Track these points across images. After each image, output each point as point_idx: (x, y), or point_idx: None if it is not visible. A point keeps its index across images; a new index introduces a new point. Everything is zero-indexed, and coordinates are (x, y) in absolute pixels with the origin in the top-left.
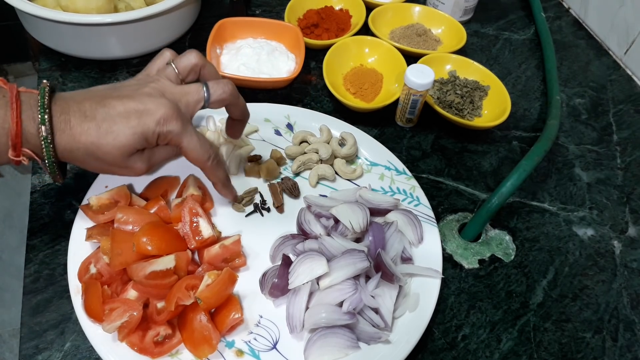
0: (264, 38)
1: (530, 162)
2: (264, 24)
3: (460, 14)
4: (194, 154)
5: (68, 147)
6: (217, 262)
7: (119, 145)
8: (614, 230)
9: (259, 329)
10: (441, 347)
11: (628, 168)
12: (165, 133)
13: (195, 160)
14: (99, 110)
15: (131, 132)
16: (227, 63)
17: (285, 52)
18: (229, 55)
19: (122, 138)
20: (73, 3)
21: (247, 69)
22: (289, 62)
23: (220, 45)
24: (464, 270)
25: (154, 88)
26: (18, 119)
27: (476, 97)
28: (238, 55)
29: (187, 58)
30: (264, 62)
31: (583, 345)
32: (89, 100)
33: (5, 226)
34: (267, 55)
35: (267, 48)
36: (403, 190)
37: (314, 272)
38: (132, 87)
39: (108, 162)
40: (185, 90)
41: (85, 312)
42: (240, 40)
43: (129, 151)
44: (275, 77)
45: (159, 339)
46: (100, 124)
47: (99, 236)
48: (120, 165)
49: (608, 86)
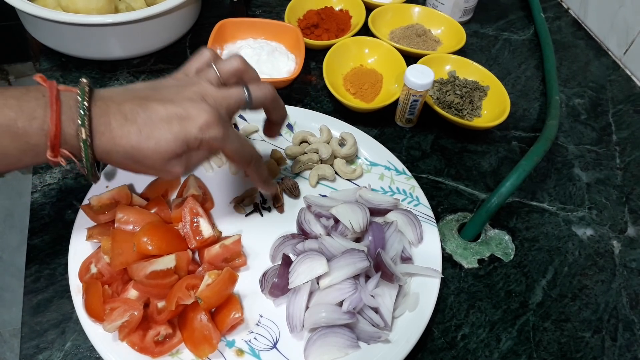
0: (264, 38)
1: (530, 162)
2: (264, 25)
3: (460, 14)
4: (237, 158)
5: (107, 149)
6: (218, 262)
7: (160, 150)
8: (613, 230)
9: (259, 329)
10: (441, 347)
11: (627, 168)
12: (208, 139)
13: (238, 163)
14: (140, 114)
15: (173, 137)
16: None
17: (285, 52)
18: (231, 52)
19: (163, 144)
20: (73, 3)
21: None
22: (289, 63)
23: (220, 46)
24: (463, 270)
25: (195, 92)
26: (58, 121)
27: (476, 97)
28: (241, 53)
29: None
30: (264, 63)
31: (582, 344)
32: (130, 102)
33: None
34: (267, 55)
35: (267, 48)
36: (403, 190)
37: (314, 271)
38: (172, 90)
39: (147, 165)
40: (226, 94)
41: (85, 311)
42: (241, 40)
43: (170, 157)
44: (276, 77)
45: (159, 339)
46: (142, 128)
47: (100, 236)
48: (158, 169)
49: (607, 86)
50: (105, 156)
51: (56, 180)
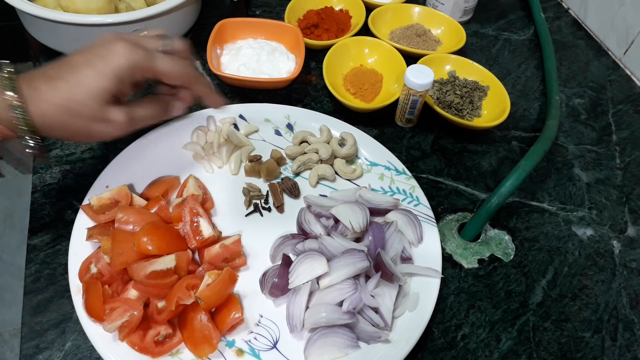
0: (264, 38)
1: (530, 162)
2: (264, 25)
3: (460, 14)
4: (175, 74)
5: (42, 111)
6: (218, 262)
7: (93, 91)
8: (613, 230)
9: (259, 329)
10: (441, 347)
11: (627, 168)
12: (135, 62)
13: (177, 77)
14: (63, 68)
15: (99, 73)
16: (227, 63)
17: (285, 52)
18: (229, 56)
19: (92, 83)
20: (73, 3)
21: (247, 69)
22: (289, 63)
23: (220, 46)
24: (463, 270)
25: (112, 35)
26: None
27: (476, 97)
28: (238, 55)
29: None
30: (264, 63)
31: (582, 344)
32: (52, 67)
33: (5, 226)
34: (267, 55)
35: (267, 48)
36: (403, 190)
37: (314, 271)
38: (90, 46)
39: (86, 116)
40: (142, 37)
41: (85, 311)
42: (241, 40)
43: (104, 96)
44: (276, 77)
45: (159, 339)
46: (68, 79)
47: (100, 236)
48: (98, 118)
49: (607, 86)
50: (43, 121)
51: (56, 180)
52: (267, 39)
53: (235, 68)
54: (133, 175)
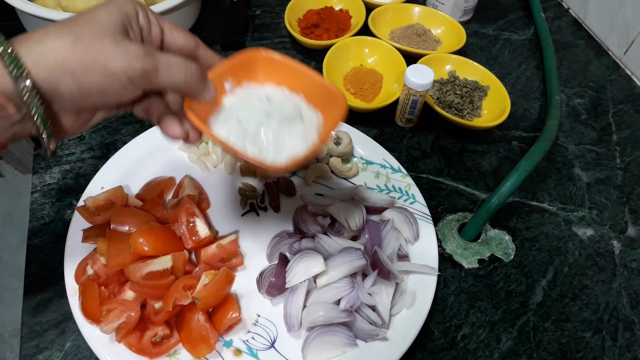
0: (289, 89)
1: (530, 162)
2: (305, 77)
3: (460, 14)
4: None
5: (50, 72)
6: (214, 262)
7: (102, 20)
8: (614, 230)
9: (256, 328)
10: (441, 347)
11: (627, 168)
12: (140, 3)
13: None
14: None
15: (107, 12)
16: (226, 109)
17: (308, 128)
18: (235, 99)
19: (100, 16)
20: (73, 3)
21: (239, 132)
22: (303, 143)
23: (235, 80)
24: (463, 270)
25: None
26: None
27: (476, 97)
28: (242, 106)
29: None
30: (269, 130)
31: (582, 345)
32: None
33: (5, 226)
34: (278, 124)
35: (283, 112)
36: (399, 188)
37: (311, 270)
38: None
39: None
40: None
41: (82, 313)
42: (257, 85)
43: (115, 25)
44: (268, 159)
45: (156, 339)
46: (73, 20)
47: (96, 237)
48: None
49: (607, 86)
50: (50, 84)
51: (56, 180)
52: (292, 90)
53: (228, 124)
54: (128, 176)
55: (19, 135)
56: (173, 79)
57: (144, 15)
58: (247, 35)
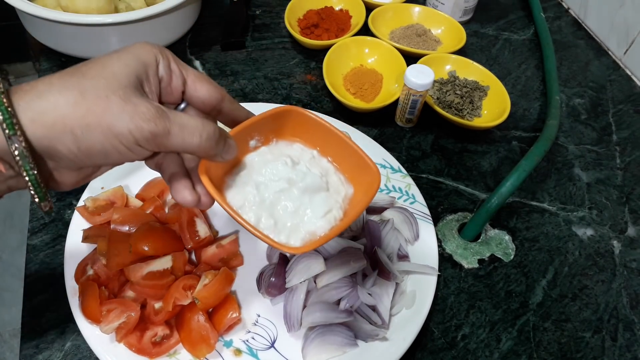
0: (321, 154)
1: (530, 162)
2: (338, 141)
3: (460, 14)
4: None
5: (47, 129)
6: (214, 262)
7: (114, 74)
8: (614, 230)
9: (256, 328)
10: (441, 347)
11: (627, 168)
12: (163, 49)
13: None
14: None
15: (118, 58)
16: (246, 169)
17: (333, 202)
18: (258, 158)
19: (112, 67)
20: (73, 3)
21: (255, 199)
22: (323, 218)
23: (262, 137)
24: (463, 270)
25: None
26: None
27: (476, 97)
28: (264, 167)
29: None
30: (286, 200)
31: (582, 345)
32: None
33: (5, 226)
34: (300, 193)
35: (307, 181)
36: (399, 188)
37: (311, 270)
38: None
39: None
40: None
41: (82, 313)
42: (285, 143)
43: (130, 78)
44: (281, 238)
45: (156, 340)
46: (81, 71)
47: (96, 237)
48: (120, 107)
49: (607, 86)
50: (48, 144)
51: None
52: (324, 154)
53: (243, 191)
54: (128, 176)
55: (15, 188)
56: (186, 143)
57: (165, 64)
58: (247, 35)
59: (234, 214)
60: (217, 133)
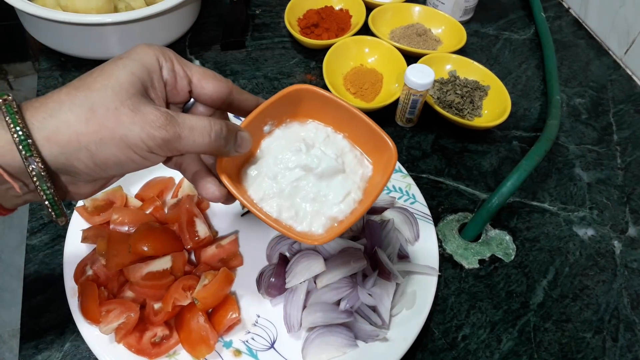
0: (336, 131)
1: (531, 162)
2: (351, 117)
3: (460, 13)
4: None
5: (62, 147)
6: (214, 262)
7: (120, 83)
8: (614, 231)
9: (256, 329)
10: (441, 347)
11: (628, 168)
12: (165, 51)
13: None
14: (75, 83)
15: (128, 72)
16: (262, 157)
17: (351, 183)
18: (273, 143)
19: (117, 76)
20: (73, 3)
21: (274, 190)
22: (343, 201)
23: (275, 120)
24: (464, 271)
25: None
26: None
27: (476, 97)
28: (279, 153)
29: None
30: (304, 188)
31: (583, 345)
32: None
33: (5, 226)
34: (317, 179)
35: (323, 166)
36: (399, 188)
37: (311, 270)
38: None
39: (112, 118)
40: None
41: (82, 314)
42: (299, 124)
43: (134, 87)
44: (304, 228)
45: (156, 340)
46: (88, 84)
47: (95, 237)
48: (129, 117)
49: (608, 86)
50: (65, 161)
51: None
52: (338, 131)
53: (261, 182)
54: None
55: (31, 201)
56: (197, 144)
57: (169, 67)
58: (247, 35)
59: (256, 211)
60: (225, 130)
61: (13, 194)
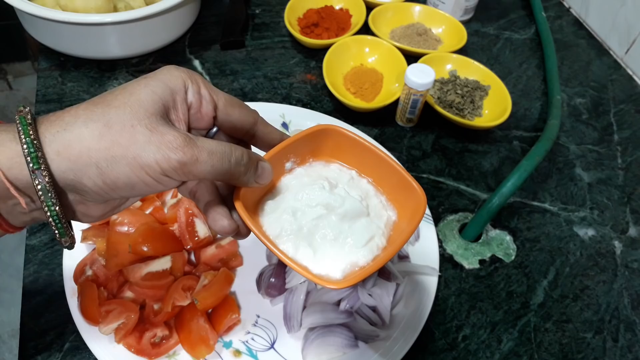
0: (360, 174)
1: (531, 162)
2: (379, 161)
3: (461, 13)
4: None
5: (72, 161)
6: (214, 263)
7: (142, 102)
8: (615, 231)
9: (256, 329)
10: (442, 348)
11: (629, 168)
12: (192, 74)
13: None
14: (97, 107)
15: (145, 85)
16: (282, 193)
17: (375, 228)
18: (294, 181)
19: (142, 96)
20: (72, 2)
21: (292, 226)
22: (365, 246)
23: (299, 158)
24: (464, 271)
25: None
26: None
27: (477, 96)
28: (300, 191)
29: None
30: (325, 227)
31: (584, 345)
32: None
33: None
34: (339, 220)
35: (346, 206)
36: None
37: None
38: None
39: (128, 138)
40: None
41: (81, 314)
42: (322, 164)
43: (157, 105)
44: (321, 270)
45: (156, 340)
46: (107, 101)
47: (95, 238)
48: (147, 137)
49: (609, 86)
50: (73, 177)
51: None
52: (362, 173)
53: (279, 219)
54: None
55: (39, 220)
56: (215, 169)
57: (195, 90)
58: (246, 35)
59: (271, 246)
60: (246, 157)
61: (20, 210)
